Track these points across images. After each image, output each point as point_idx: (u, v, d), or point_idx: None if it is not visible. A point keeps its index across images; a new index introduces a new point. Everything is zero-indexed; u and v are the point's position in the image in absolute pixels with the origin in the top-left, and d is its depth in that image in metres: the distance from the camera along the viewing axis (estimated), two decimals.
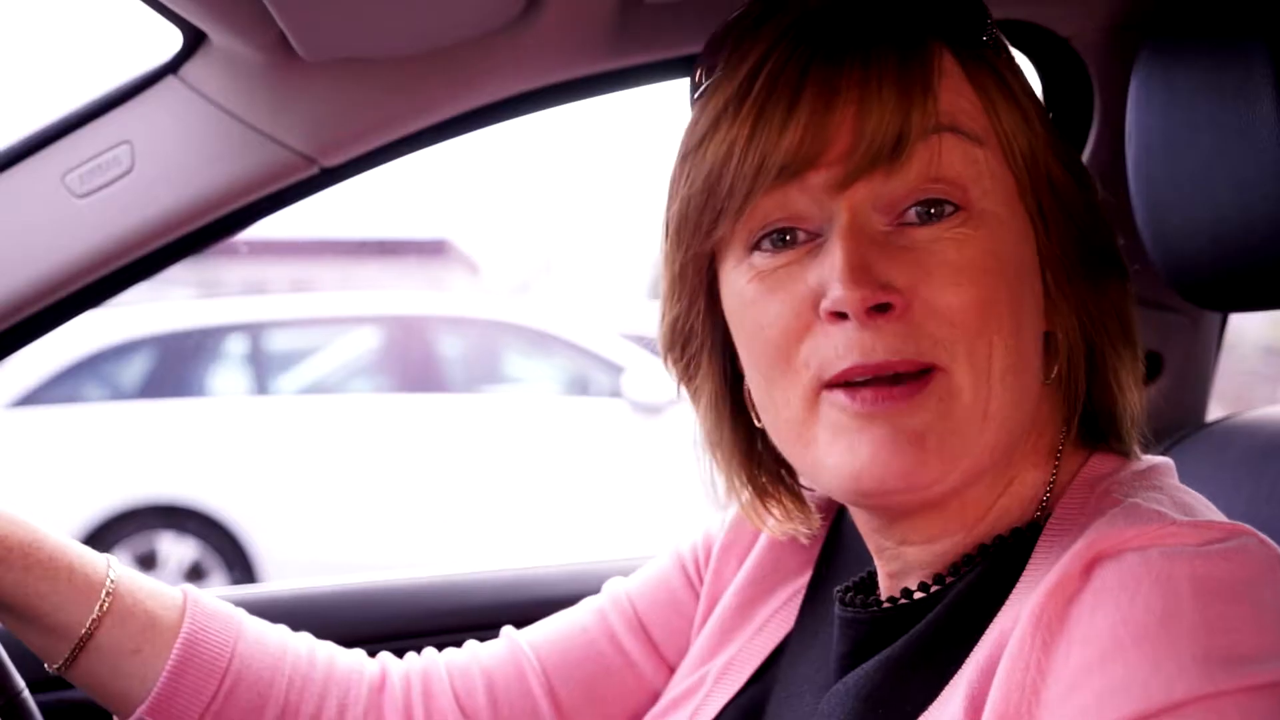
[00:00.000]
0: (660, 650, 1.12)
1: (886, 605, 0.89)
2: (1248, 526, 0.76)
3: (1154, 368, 1.49)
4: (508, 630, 1.16)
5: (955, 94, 0.82)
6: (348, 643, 1.45)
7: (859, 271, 0.78)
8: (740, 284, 0.85)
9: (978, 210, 0.81)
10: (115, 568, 1.04)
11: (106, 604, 1.01)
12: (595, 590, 1.20)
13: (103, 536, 6.01)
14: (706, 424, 0.97)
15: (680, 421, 6.43)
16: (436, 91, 1.25)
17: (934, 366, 0.79)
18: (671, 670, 1.12)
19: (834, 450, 0.81)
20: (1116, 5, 1.38)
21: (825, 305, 0.79)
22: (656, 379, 6.56)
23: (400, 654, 1.23)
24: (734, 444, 0.97)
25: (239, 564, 6.10)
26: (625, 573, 1.18)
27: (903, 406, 0.79)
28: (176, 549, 6.09)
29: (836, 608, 0.93)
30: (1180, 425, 1.41)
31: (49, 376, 6.26)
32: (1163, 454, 1.27)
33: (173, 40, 1.23)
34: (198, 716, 1.03)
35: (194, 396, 6.59)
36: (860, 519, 0.92)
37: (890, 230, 0.81)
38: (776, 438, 0.88)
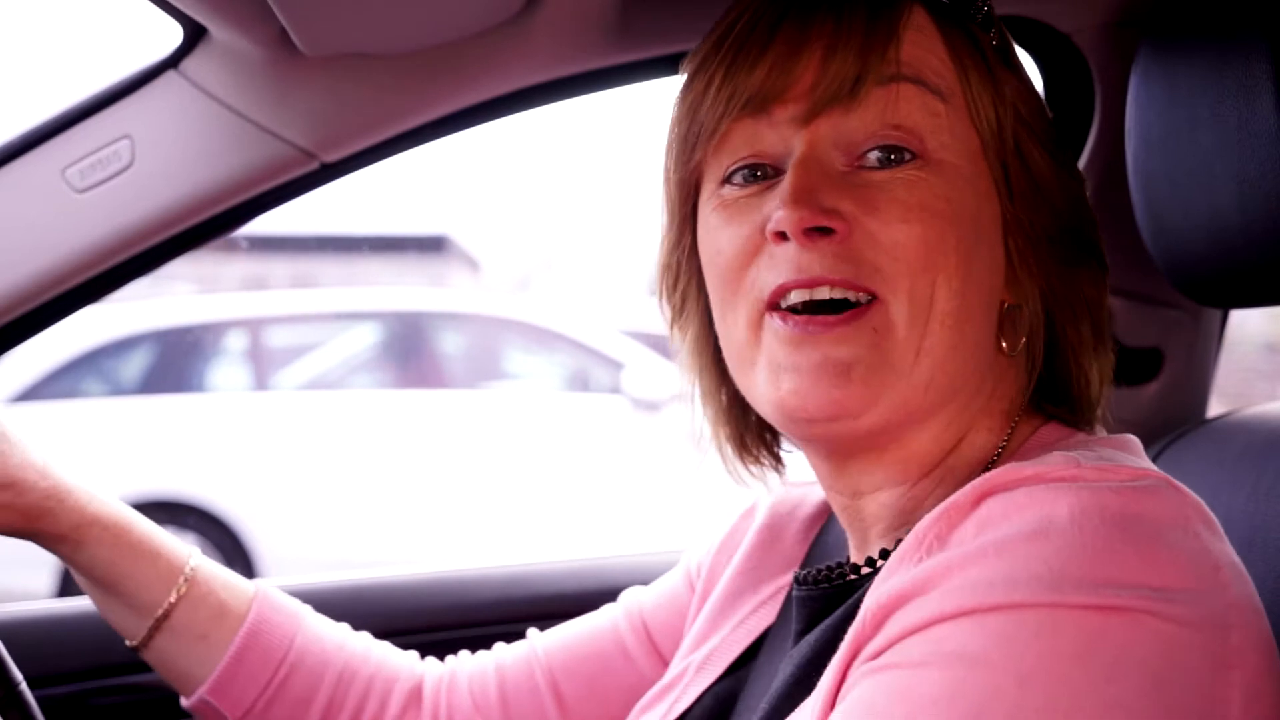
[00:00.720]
0: (661, 653, 1.17)
1: (837, 582, 0.91)
2: (1167, 476, 0.76)
3: (1154, 364, 1.49)
4: (531, 633, 1.23)
5: (924, 50, 0.86)
6: None
7: (802, 193, 0.82)
8: (708, 213, 0.90)
9: (935, 159, 0.84)
10: (196, 557, 1.15)
11: (184, 588, 1.12)
12: (596, 586, 1.22)
13: None
14: (692, 369, 1.01)
15: (680, 418, 6.45)
16: (437, 87, 1.25)
17: (874, 295, 0.82)
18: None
19: (768, 374, 0.85)
20: (1116, 2, 1.38)
21: (769, 225, 0.83)
22: (656, 376, 6.57)
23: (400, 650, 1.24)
24: (715, 393, 1.00)
25: (239, 560, 6.10)
26: (626, 569, 1.19)
27: (834, 334, 0.82)
28: None
29: (794, 589, 0.95)
30: (1181, 421, 1.41)
31: (48, 372, 6.26)
32: (1163, 450, 1.27)
33: (173, 35, 1.23)
34: (253, 700, 1.13)
35: (194, 392, 6.59)
36: (816, 468, 0.94)
37: (848, 170, 0.84)
38: (730, 365, 0.91)
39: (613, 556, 1.61)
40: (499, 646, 1.22)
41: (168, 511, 6.10)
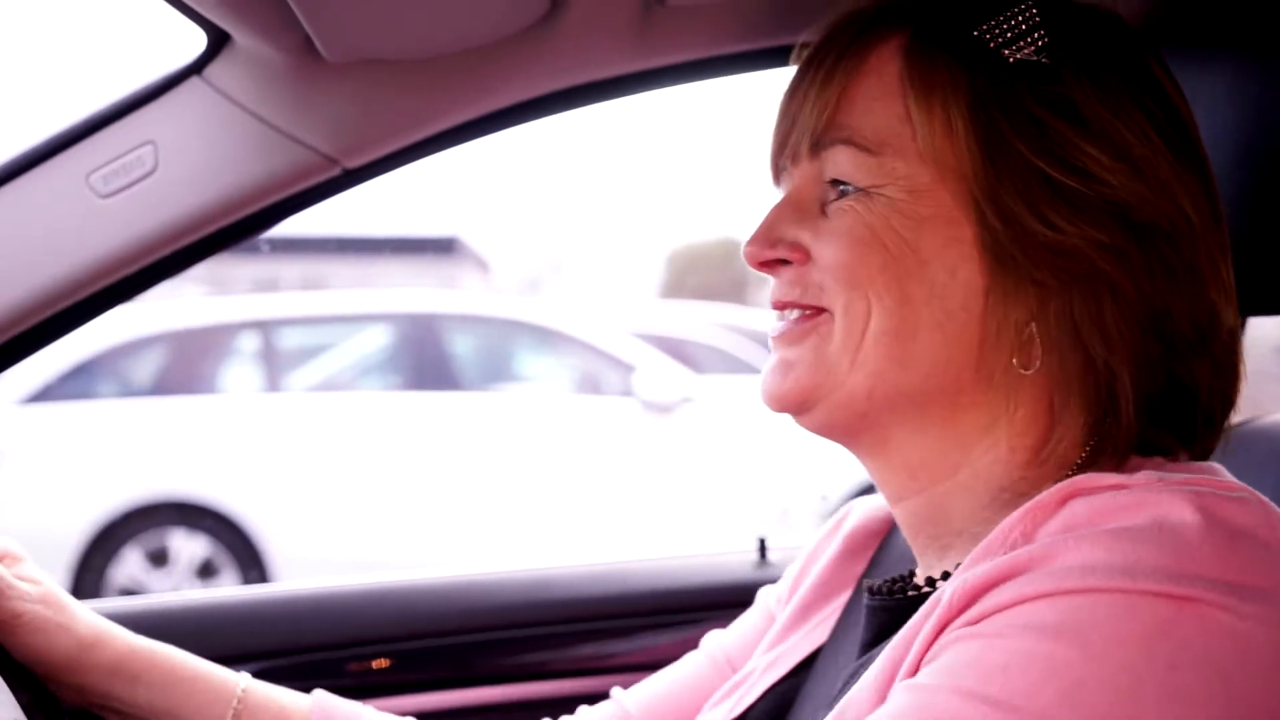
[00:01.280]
0: None
1: (911, 593, 0.93)
2: (1253, 490, 0.79)
3: None
4: (615, 691, 1.23)
5: (869, 102, 0.91)
6: (361, 643, 1.45)
7: (761, 232, 0.94)
8: None
9: (871, 193, 0.90)
10: (245, 677, 1.17)
11: (242, 697, 1.15)
12: (606, 590, 1.21)
13: (115, 533, 6.03)
14: None
15: (690, 421, 6.45)
16: (460, 93, 1.25)
17: (825, 309, 0.91)
18: None
19: None
20: (1132, 11, 1.38)
21: None
22: (667, 378, 6.57)
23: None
24: None
25: (250, 561, 6.12)
26: (638, 573, 1.19)
27: (787, 339, 0.93)
28: (188, 546, 6.11)
29: (864, 598, 0.98)
30: None
31: (62, 373, 6.28)
32: None
33: (197, 41, 1.24)
34: None
35: (206, 393, 6.61)
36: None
37: (829, 202, 0.92)
38: None
39: (633, 560, 1.61)
40: (583, 710, 1.21)
41: (181, 513, 6.12)
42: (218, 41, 1.23)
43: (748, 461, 6.42)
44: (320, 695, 1.19)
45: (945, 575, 0.90)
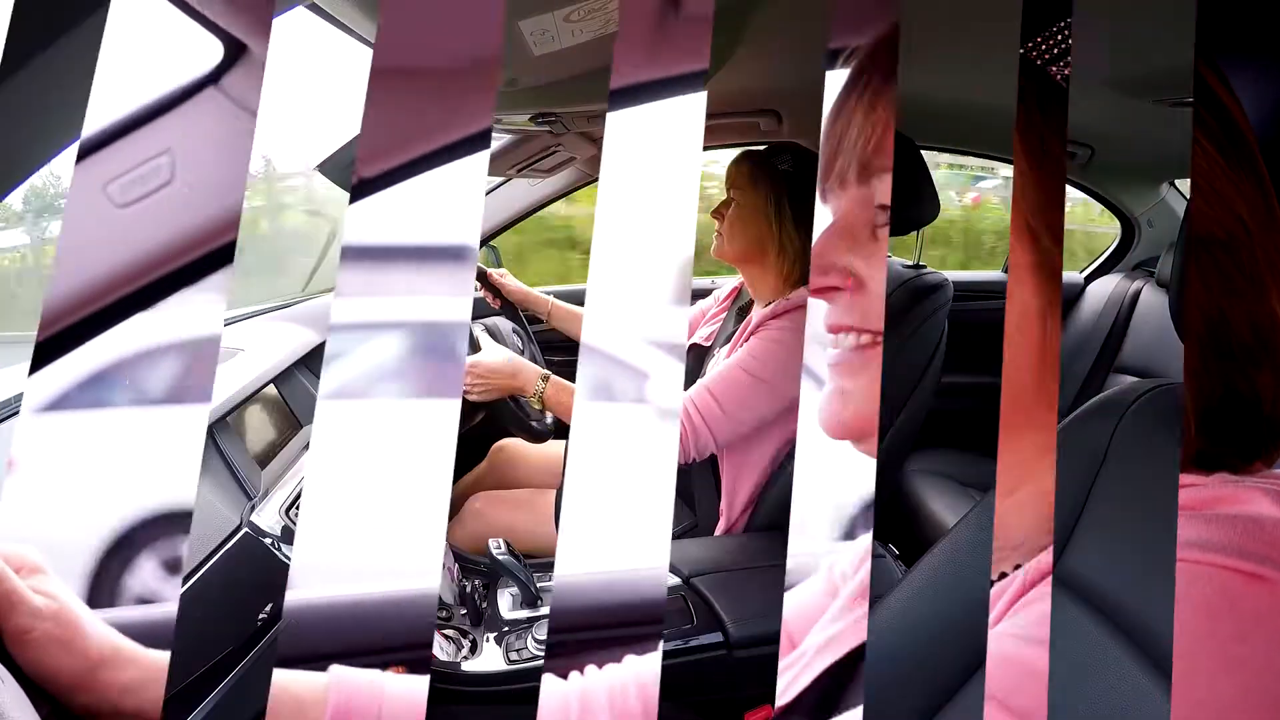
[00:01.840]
0: None
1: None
2: None
3: None
4: None
5: None
6: (374, 652, 1.45)
7: (812, 259, 0.93)
8: None
9: None
10: None
11: None
12: (619, 597, 1.20)
13: (130, 541, 6.03)
14: None
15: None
16: (475, 101, 1.26)
17: (882, 333, 0.93)
18: None
19: None
20: None
21: None
22: (681, 385, 6.56)
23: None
24: None
25: None
26: (652, 579, 1.18)
27: (846, 369, 0.95)
28: None
29: None
30: None
31: (76, 381, 6.29)
32: None
33: (214, 52, 1.24)
34: None
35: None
36: None
37: (879, 225, 0.94)
38: None
39: (640, 568, 1.60)
40: None
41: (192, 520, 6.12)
42: (234, 52, 1.23)
43: None
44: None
45: (1002, 576, 0.90)
